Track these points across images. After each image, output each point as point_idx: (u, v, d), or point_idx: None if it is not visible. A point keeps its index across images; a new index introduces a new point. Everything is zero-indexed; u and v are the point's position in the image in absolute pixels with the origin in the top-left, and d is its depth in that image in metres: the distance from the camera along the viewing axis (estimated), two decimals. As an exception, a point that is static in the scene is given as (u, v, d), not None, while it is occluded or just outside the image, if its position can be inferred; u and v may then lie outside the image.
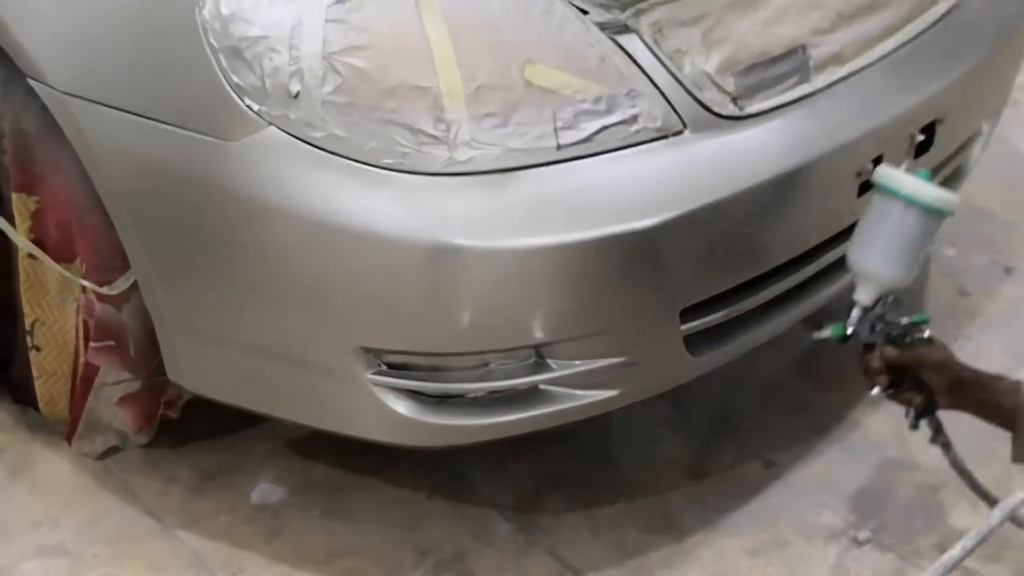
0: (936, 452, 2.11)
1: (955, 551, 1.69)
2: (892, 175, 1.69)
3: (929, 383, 1.71)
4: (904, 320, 1.73)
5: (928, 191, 1.68)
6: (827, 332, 1.76)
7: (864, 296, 1.73)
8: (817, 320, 1.81)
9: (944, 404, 1.73)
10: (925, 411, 1.74)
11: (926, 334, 1.73)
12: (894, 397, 1.75)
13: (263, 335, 1.72)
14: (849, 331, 1.74)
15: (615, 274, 1.66)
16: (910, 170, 1.72)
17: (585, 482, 2.06)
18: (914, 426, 1.77)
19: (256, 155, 1.59)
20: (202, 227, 1.67)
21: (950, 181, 2.20)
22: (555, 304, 1.65)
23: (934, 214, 1.69)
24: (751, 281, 1.82)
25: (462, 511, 2.00)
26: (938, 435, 1.80)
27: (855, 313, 1.73)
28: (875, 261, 1.72)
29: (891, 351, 1.71)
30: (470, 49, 1.58)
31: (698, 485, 2.06)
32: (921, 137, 1.96)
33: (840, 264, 1.96)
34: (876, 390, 1.74)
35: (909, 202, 1.67)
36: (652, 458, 2.10)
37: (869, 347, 1.74)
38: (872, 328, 1.73)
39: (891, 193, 1.68)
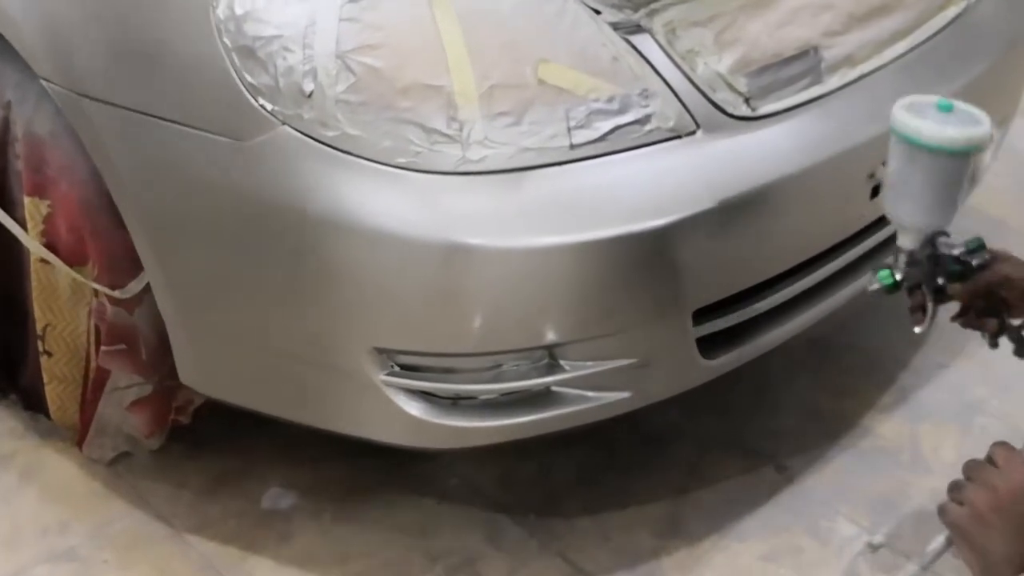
0: (947, 458, 2.12)
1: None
2: (906, 122, 1.50)
3: (1002, 301, 1.58)
4: (957, 250, 1.56)
5: (949, 135, 1.48)
6: (876, 284, 1.59)
7: (907, 242, 1.57)
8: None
9: (1020, 313, 1.58)
10: (1001, 328, 1.60)
11: (985, 256, 1.57)
12: (965, 325, 1.62)
13: (275, 336, 1.72)
14: (898, 277, 1.58)
15: (627, 274, 1.66)
16: (924, 107, 1.52)
17: (597, 487, 2.05)
18: (994, 345, 1.63)
19: (269, 154, 1.59)
20: (215, 227, 1.67)
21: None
22: (567, 304, 1.65)
23: (962, 155, 1.49)
24: (764, 283, 1.82)
25: (472, 516, 2.00)
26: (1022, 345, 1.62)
27: (901, 259, 1.57)
28: (910, 210, 1.55)
29: (957, 288, 1.56)
30: (483, 48, 1.59)
31: (710, 490, 2.05)
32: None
33: (854, 268, 1.97)
34: (917, 329, 1.60)
35: (931, 150, 1.48)
36: (663, 463, 2.09)
37: (915, 287, 1.58)
38: (922, 267, 1.56)
39: (909, 141, 1.49)
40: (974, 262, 1.56)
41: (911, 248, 1.58)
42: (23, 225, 1.89)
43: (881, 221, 1.95)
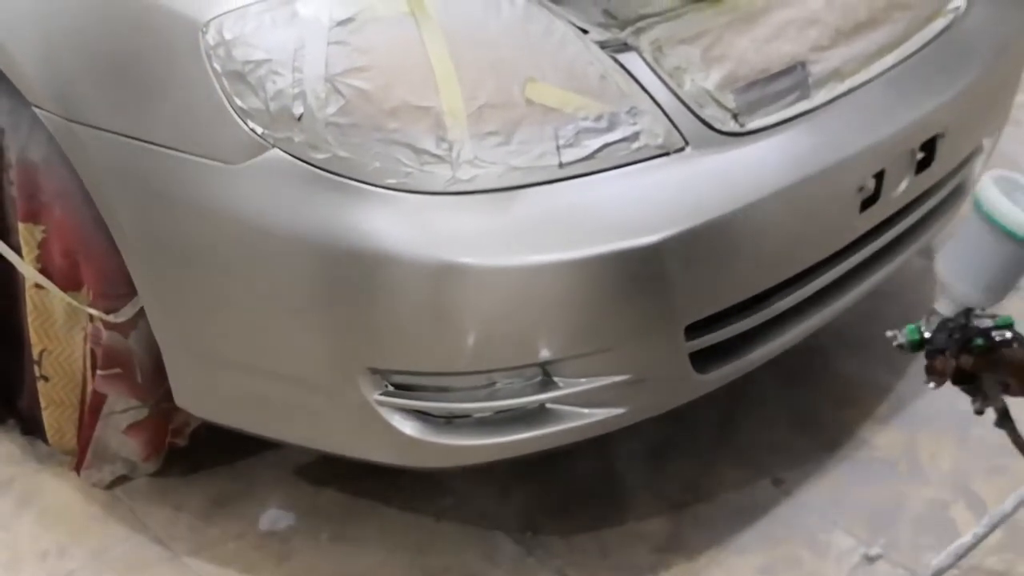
0: (945, 467, 2.12)
1: (966, 538, 1.65)
2: (992, 199, 1.53)
3: (1006, 381, 1.61)
4: (986, 324, 1.59)
5: None
6: (903, 338, 1.65)
7: (944, 308, 1.62)
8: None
9: (1019, 394, 1.63)
10: (993, 402, 1.65)
11: (1008, 335, 1.59)
12: (955, 383, 1.64)
13: (269, 358, 1.72)
14: (926, 335, 1.62)
15: (619, 291, 1.66)
16: (1015, 188, 1.55)
17: (594, 503, 2.05)
18: (979, 412, 1.67)
19: (260, 178, 1.60)
20: (207, 251, 1.68)
21: (952, 198, 2.21)
22: (560, 321, 1.65)
23: None
24: (756, 297, 1.82)
25: (470, 534, 2.00)
26: (1005, 420, 1.70)
27: (933, 320, 1.62)
28: (963, 282, 1.60)
29: (967, 360, 1.59)
30: (471, 68, 1.60)
31: (707, 504, 2.05)
32: (922, 154, 1.97)
33: (846, 279, 1.97)
34: (932, 385, 1.64)
35: (1008, 234, 1.53)
36: (661, 478, 2.09)
37: (937, 351, 1.62)
38: (950, 335, 1.59)
39: (988, 218, 1.53)
40: (997, 338, 1.59)
41: (945, 315, 1.61)
42: (18, 251, 1.90)
43: (871, 234, 1.96)
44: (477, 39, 1.62)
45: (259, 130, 1.59)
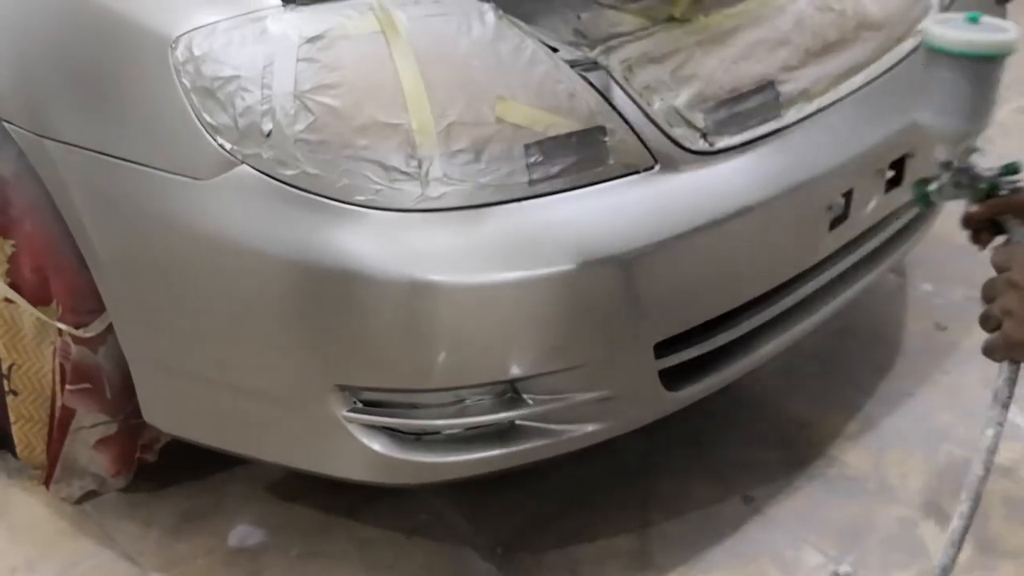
0: (914, 485, 2.13)
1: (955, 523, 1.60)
2: (934, 33, 1.47)
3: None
4: (991, 172, 1.50)
5: (976, 41, 1.45)
6: (911, 193, 1.58)
7: (941, 153, 1.53)
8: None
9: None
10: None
11: (1016, 182, 1.49)
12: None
13: (237, 374, 1.72)
14: (932, 188, 1.54)
15: (588, 308, 1.67)
16: (952, 19, 1.49)
17: (565, 520, 2.05)
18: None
19: (229, 194, 1.60)
20: (175, 266, 1.67)
21: (922, 217, 2.22)
22: (529, 339, 1.66)
23: (990, 60, 1.46)
24: (726, 315, 1.83)
25: (442, 551, 2.00)
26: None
27: (937, 171, 1.54)
28: (940, 119, 1.52)
29: (974, 208, 1.49)
30: (441, 86, 1.60)
31: (677, 522, 2.05)
32: (891, 173, 1.99)
33: (817, 297, 1.98)
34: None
35: (959, 56, 1.46)
36: (631, 495, 2.09)
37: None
38: (957, 184, 1.51)
39: (936, 51, 1.47)
40: (1008, 185, 1.49)
41: (945, 160, 1.53)
42: (-13, 265, 1.90)
43: (841, 252, 1.97)
44: (447, 57, 1.62)
45: (228, 146, 1.59)
